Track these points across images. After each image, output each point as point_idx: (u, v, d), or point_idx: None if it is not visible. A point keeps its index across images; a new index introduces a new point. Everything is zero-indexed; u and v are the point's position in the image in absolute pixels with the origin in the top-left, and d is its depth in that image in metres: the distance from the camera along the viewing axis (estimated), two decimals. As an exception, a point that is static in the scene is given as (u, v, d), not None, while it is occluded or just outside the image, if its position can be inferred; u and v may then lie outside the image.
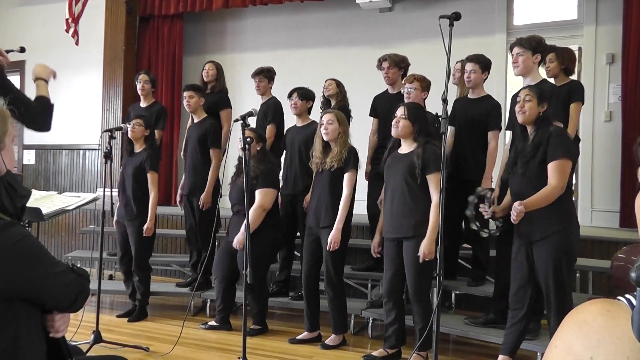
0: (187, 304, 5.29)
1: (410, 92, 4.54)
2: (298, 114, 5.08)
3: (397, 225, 3.91)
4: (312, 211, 4.43)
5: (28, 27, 8.53)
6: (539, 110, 3.44)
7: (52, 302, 1.70)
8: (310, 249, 4.48)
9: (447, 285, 4.71)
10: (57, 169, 8.20)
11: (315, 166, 4.42)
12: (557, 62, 4.59)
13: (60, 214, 3.22)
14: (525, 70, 4.03)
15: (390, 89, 5.10)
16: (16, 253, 1.56)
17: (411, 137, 3.95)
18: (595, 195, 6.16)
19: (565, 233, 3.38)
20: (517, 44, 4.06)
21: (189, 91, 5.39)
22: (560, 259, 3.36)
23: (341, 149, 4.29)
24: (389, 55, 5.03)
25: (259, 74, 5.62)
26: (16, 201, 1.66)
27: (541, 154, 3.36)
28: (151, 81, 5.95)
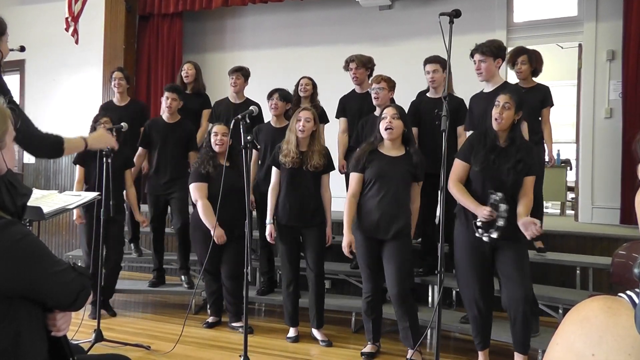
0: (187, 302, 5.29)
1: (379, 92, 4.65)
2: (277, 115, 5.09)
3: (387, 227, 3.91)
4: (296, 210, 4.40)
5: (28, 26, 8.51)
6: (514, 118, 3.57)
7: (53, 300, 1.70)
8: (293, 249, 4.52)
9: (447, 283, 4.71)
10: (58, 168, 8.20)
11: (290, 160, 4.35)
12: (529, 65, 4.76)
13: (61, 212, 3.22)
14: (488, 75, 4.15)
15: (358, 88, 5.23)
16: (17, 252, 1.56)
17: (400, 140, 4.01)
18: (595, 192, 6.17)
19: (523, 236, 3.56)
20: (478, 51, 4.15)
21: (173, 93, 5.37)
22: (524, 260, 3.60)
23: (321, 148, 4.41)
24: (356, 56, 5.16)
25: (237, 71, 5.68)
26: (17, 200, 1.66)
27: (526, 167, 3.54)
28: (126, 78, 5.95)
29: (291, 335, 4.59)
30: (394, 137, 3.96)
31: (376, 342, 4.23)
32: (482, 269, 3.63)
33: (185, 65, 6.09)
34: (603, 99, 6.18)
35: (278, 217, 4.48)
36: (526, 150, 3.57)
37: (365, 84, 5.12)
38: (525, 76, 4.80)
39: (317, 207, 4.42)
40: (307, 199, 4.39)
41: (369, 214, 3.96)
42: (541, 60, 4.87)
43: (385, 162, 3.98)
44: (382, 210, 3.92)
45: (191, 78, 5.99)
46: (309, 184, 4.38)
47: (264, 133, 5.09)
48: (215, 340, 4.55)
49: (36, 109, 8.37)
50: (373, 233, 3.95)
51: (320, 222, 4.44)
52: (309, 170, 4.35)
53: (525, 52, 4.83)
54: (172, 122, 5.42)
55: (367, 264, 4.05)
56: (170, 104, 5.33)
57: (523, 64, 4.76)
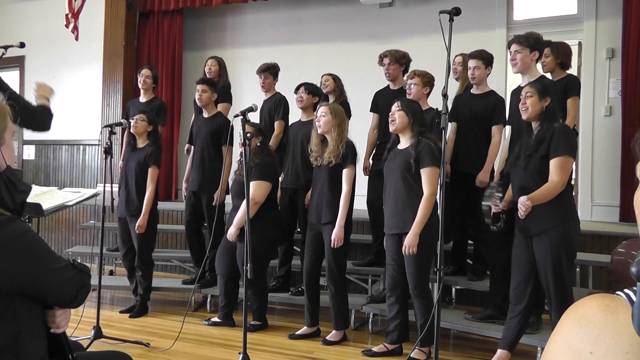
0: (187, 299, 5.30)
1: (412, 88, 4.56)
2: (303, 108, 5.06)
3: (396, 221, 3.92)
4: (314, 207, 4.42)
5: (28, 22, 8.52)
6: (542, 105, 3.48)
7: (53, 297, 1.69)
8: (312, 245, 4.47)
9: (447, 280, 4.72)
10: (57, 165, 8.21)
11: (313, 160, 4.41)
12: (553, 57, 4.62)
13: (60, 209, 3.23)
14: (523, 67, 4.07)
15: (392, 84, 5.11)
16: (17, 248, 1.56)
17: (408, 131, 3.95)
18: (595, 190, 6.17)
19: (565, 227, 3.41)
20: (515, 41, 4.09)
21: (203, 85, 5.30)
22: (560, 253, 3.38)
23: (337, 143, 4.27)
24: (390, 52, 5.02)
25: (265, 70, 5.60)
26: (16, 197, 1.66)
27: (544, 149, 3.40)
28: (153, 77, 5.93)
29: (299, 332, 4.57)
30: (397, 129, 3.95)
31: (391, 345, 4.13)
32: (520, 269, 3.56)
33: (208, 60, 6.04)
34: (603, 97, 6.17)
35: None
36: (549, 132, 3.41)
37: (399, 80, 5.03)
38: (550, 68, 4.64)
39: (331, 204, 4.30)
40: (320, 197, 4.35)
41: (385, 208, 4.02)
42: (569, 52, 4.72)
43: (392, 156, 4.00)
44: (388, 206, 3.96)
45: (214, 74, 5.93)
46: (325, 180, 4.33)
47: (293, 128, 5.10)
48: (214, 337, 4.55)
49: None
50: (388, 229, 3.98)
51: (332, 221, 4.29)
52: (325, 167, 4.32)
53: (550, 44, 4.73)
54: (207, 117, 5.41)
55: (387, 258, 4.07)
56: (200, 95, 5.27)
57: (546, 57, 4.61)
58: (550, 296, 3.44)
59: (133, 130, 4.97)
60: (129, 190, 5.00)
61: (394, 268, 4.01)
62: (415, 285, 3.89)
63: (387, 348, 4.11)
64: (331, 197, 4.31)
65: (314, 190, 4.48)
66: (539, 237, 3.43)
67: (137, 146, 5.04)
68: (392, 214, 3.94)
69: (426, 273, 3.95)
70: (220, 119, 5.37)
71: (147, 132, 5.02)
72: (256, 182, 4.49)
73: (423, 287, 3.93)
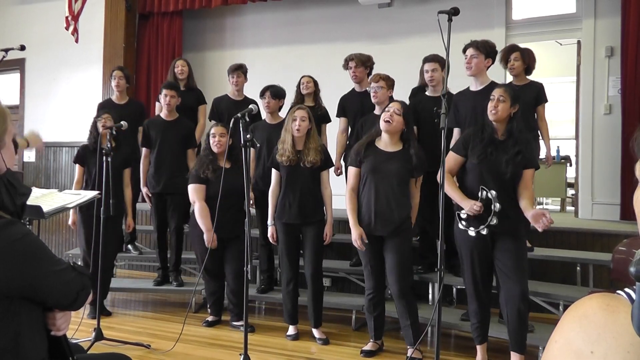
0: (188, 301, 5.30)
1: (378, 91, 4.64)
2: (271, 113, 5.13)
3: (384, 223, 3.92)
4: (295, 207, 4.39)
5: (28, 25, 8.52)
6: (510, 111, 3.61)
7: (53, 300, 1.69)
8: (293, 247, 4.51)
9: (448, 281, 4.71)
10: (58, 167, 8.20)
11: (285, 160, 4.37)
12: (522, 61, 4.80)
13: (60, 211, 3.22)
14: (477, 71, 4.28)
15: (357, 87, 5.23)
16: (17, 251, 1.56)
17: (398, 136, 4.00)
18: (595, 188, 6.17)
19: (522, 231, 3.67)
20: (473, 45, 4.29)
21: (172, 90, 5.36)
22: (522, 248, 3.64)
23: (317, 145, 4.39)
24: (355, 55, 5.17)
25: (238, 69, 5.69)
26: (16, 199, 1.66)
27: (524, 159, 3.56)
28: (126, 77, 5.95)
29: (290, 333, 4.60)
30: (391, 131, 3.95)
31: (378, 340, 4.23)
32: (482, 263, 3.65)
33: (178, 62, 6.08)
34: (602, 95, 6.18)
35: (278, 215, 4.47)
36: (525, 143, 3.59)
37: (364, 83, 5.13)
38: (517, 73, 4.83)
39: (315, 204, 4.42)
40: (305, 196, 4.38)
41: (365, 210, 3.97)
42: (534, 58, 4.89)
43: (380, 158, 3.98)
44: (376, 207, 3.93)
45: (185, 74, 5.99)
46: (307, 181, 4.38)
47: (260, 130, 5.09)
48: (215, 339, 4.55)
49: (36, 107, 8.38)
50: (371, 230, 3.95)
51: (319, 220, 4.44)
52: (306, 167, 4.35)
53: (518, 49, 4.87)
54: (170, 120, 5.42)
55: (368, 260, 4.05)
56: (169, 101, 5.31)
57: (516, 61, 4.79)
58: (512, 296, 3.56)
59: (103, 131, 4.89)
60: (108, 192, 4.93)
61: (377, 269, 4.06)
62: (401, 286, 3.94)
63: (378, 345, 4.25)
64: (317, 198, 4.44)
65: (289, 191, 4.42)
66: (503, 235, 3.58)
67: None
68: (380, 216, 3.92)
69: (410, 273, 4.07)
70: (186, 124, 5.50)
71: None
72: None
73: (408, 287, 3.98)
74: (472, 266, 3.67)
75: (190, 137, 5.49)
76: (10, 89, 8.70)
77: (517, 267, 3.55)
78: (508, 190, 3.55)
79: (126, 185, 5.16)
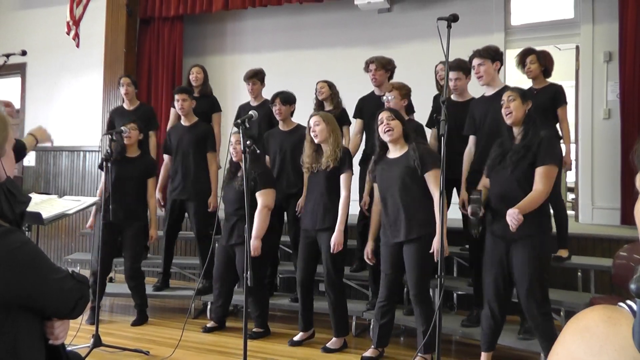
0: (187, 306, 5.28)
1: (391, 101, 4.60)
2: (283, 119, 5.09)
3: (398, 230, 3.88)
4: (309, 213, 4.41)
5: (29, 30, 8.54)
6: (524, 109, 3.52)
7: (52, 308, 1.68)
8: (307, 252, 4.46)
9: (448, 286, 4.71)
10: (58, 171, 8.20)
11: (306, 169, 4.41)
12: (538, 64, 4.75)
13: (60, 218, 3.23)
14: (488, 78, 4.21)
15: (377, 90, 5.16)
16: (15, 260, 1.55)
17: (402, 139, 3.97)
18: (595, 193, 6.17)
19: (543, 237, 3.48)
20: (476, 55, 4.24)
21: (183, 94, 5.34)
22: (536, 261, 3.42)
23: (334, 148, 4.28)
24: (376, 57, 5.11)
25: (253, 77, 5.63)
26: (16, 207, 1.65)
27: (532, 156, 3.43)
28: (133, 83, 5.96)
29: (295, 338, 4.55)
30: (396, 137, 3.94)
31: (379, 348, 4.18)
32: (497, 269, 3.56)
33: (193, 68, 6.04)
34: (601, 100, 6.19)
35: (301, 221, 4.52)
36: (536, 140, 3.43)
37: (384, 86, 5.04)
38: (535, 76, 4.77)
39: (328, 210, 4.29)
40: (318, 202, 4.34)
41: (384, 219, 4.00)
42: (551, 60, 4.83)
43: (386, 167, 3.98)
44: (390, 215, 3.93)
45: (199, 81, 5.95)
46: (322, 186, 4.33)
47: (273, 137, 5.10)
48: (214, 345, 4.54)
49: (37, 112, 8.39)
50: (388, 238, 3.95)
51: (330, 227, 4.27)
52: (322, 172, 4.32)
53: (534, 52, 4.80)
54: (187, 125, 5.42)
55: (384, 269, 4.02)
56: (182, 105, 5.30)
57: (532, 64, 4.73)
58: (528, 298, 3.44)
59: (126, 140, 4.94)
60: (127, 200, 4.91)
61: (392, 277, 4.00)
62: (418, 292, 3.87)
63: (379, 351, 4.18)
64: (328, 203, 4.30)
65: (309, 197, 4.47)
66: (517, 243, 3.45)
67: (128, 155, 5.00)
68: (393, 224, 3.90)
69: (428, 279, 3.95)
70: (203, 127, 5.45)
71: (138, 141, 5.04)
72: (265, 190, 4.53)
73: (425, 293, 3.92)
74: (489, 270, 3.61)
75: (208, 140, 5.41)
76: (11, 93, 8.71)
77: (526, 276, 3.42)
78: (515, 194, 3.42)
79: (150, 195, 5.06)
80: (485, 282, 3.65)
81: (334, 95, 5.37)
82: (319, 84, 5.44)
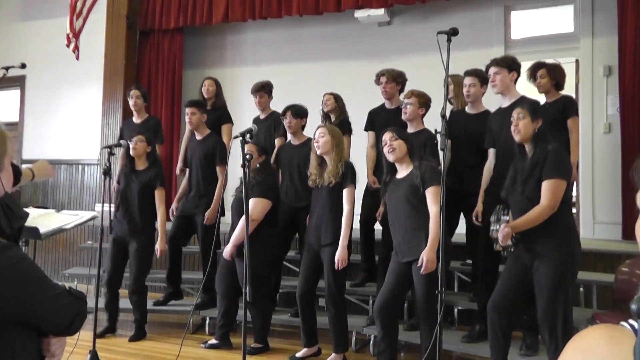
0: (186, 321, 5.24)
1: (407, 108, 4.55)
2: (293, 133, 5.07)
3: (407, 249, 3.83)
4: (313, 229, 4.37)
5: (29, 42, 8.57)
6: (534, 127, 3.46)
7: (49, 325, 1.66)
8: (309, 266, 4.40)
9: (449, 301, 4.67)
10: (56, 184, 8.18)
11: (312, 182, 4.38)
12: (549, 78, 4.69)
13: (58, 232, 3.21)
14: (503, 87, 4.13)
15: (388, 103, 5.11)
16: (12, 276, 1.53)
17: (407, 158, 3.92)
18: (596, 208, 6.15)
19: (568, 251, 3.35)
20: (493, 63, 4.18)
21: (192, 107, 5.33)
22: (562, 277, 3.31)
23: (336, 163, 4.23)
24: (387, 70, 5.05)
25: (260, 90, 5.60)
26: (14, 223, 1.64)
27: (538, 171, 3.36)
28: (143, 95, 5.95)
29: (299, 355, 4.49)
30: (400, 157, 3.90)
31: None
32: (510, 284, 3.49)
33: (205, 81, 6.01)
34: (601, 114, 6.19)
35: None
36: (543, 154, 3.37)
37: (395, 99, 5.03)
38: (546, 90, 4.72)
39: (331, 225, 4.24)
40: (321, 217, 4.30)
41: (393, 239, 3.97)
42: (563, 73, 4.77)
43: (393, 188, 3.95)
44: (396, 235, 3.90)
45: (211, 94, 5.91)
46: (325, 201, 4.29)
47: (284, 151, 5.10)
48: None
49: (36, 124, 8.40)
50: (399, 257, 3.89)
51: (333, 242, 4.21)
52: (325, 187, 4.29)
53: (544, 65, 4.77)
54: (199, 138, 5.42)
55: (388, 280, 3.96)
56: (190, 118, 5.30)
57: (542, 78, 4.68)
58: (548, 320, 3.33)
59: (132, 152, 4.95)
60: (132, 212, 4.95)
61: (393, 290, 3.94)
62: (424, 307, 3.79)
63: None
64: (331, 218, 4.25)
65: (312, 212, 4.43)
66: (541, 259, 3.36)
67: (137, 168, 5.01)
68: (402, 243, 3.86)
69: (435, 296, 3.89)
70: (212, 140, 5.40)
71: (146, 153, 5.02)
72: (255, 199, 4.45)
73: (432, 308, 3.86)
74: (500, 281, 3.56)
75: (216, 153, 5.35)
76: (10, 106, 8.73)
77: (543, 295, 3.32)
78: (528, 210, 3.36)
79: (157, 207, 5.01)
80: (494, 291, 3.56)
81: (339, 107, 5.35)
82: (325, 95, 5.44)
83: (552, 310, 3.30)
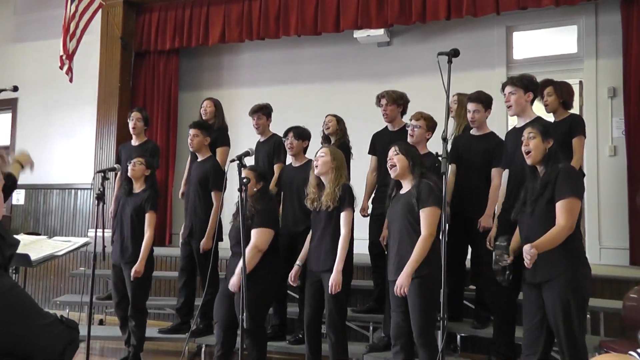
0: (181, 349, 5.08)
1: (415, 130, 4.47)
2: (294, 155, 4.96)
3: (399, 266, 3.73)
4: (313, 255, 4.26)
5: (21, 64, 8.50)
6: (545, 147, 3.39)
7: (41, 355, 1.59)
8: (312, 293, 4.29)
9: (451, 328, 4.55)
10: (48, 209, 8.04)
11: (310, 203, 4.26)
12: (556, 96, 4.61)
13: (49, 259, 3.09)
14: (518, 109, 3.99)
15: (390, 126, 5.03)
16: (2, 305, 1.48)
17: (409, 175, 3.84)
18: (603, 233, 6.05)
19: (574, 274, 3.25)
20: (509, 82, 4.05)
21: (195, 129, 5.19)
22: (569, 301, 3.21)
23: (334, 187, 4.14)
24: (387, 92, 4.96)
25: (257, 111, 5.49)
26: (5, 251, 1.59)
27: (549, 192, 3.28)
28: (144, 119, 5.83)
29: None
30: (400, 173, 3.83)
31: None
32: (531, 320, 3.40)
33: (204, 102, 5.89)
34: (606, 136, 6.12)
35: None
36: (554, 174, 3.29)
37: (397, 122, 4.95)
38: (553, 109, 4.64)
39: (330, 250, 4.13)
40: (320, 243, 4.20)
41: (388, 256, 3.89)
42: (571, 91, 4.69)
43: (394, 202, 3.89)
44: (391, 252, 3.82)
45: (210, 115, 5.78)
46: (323, 226, 4.19)
47: (287, 173, 5.00)
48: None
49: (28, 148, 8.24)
50: (392, 275, 3.78)
51: (332, 267, 4.09)
52: (323, 212, 4.18)
53: (551, 83, 4.68)
54: (199, 161, 5.29)
55: (393, 307, 3.87)
56: (191, 140, 5.18)
57: (549, 96, 4.61)
58: (562, 346, 3.25)
59: (130, 174, 4.83)
60: (124, 236, 4.81)
61: (399, 315, 3.82)
62: (420, 333, 3.69)
63: None
64: (330, 243, 4.14)
65: (313, 237, 4.32)
66: (547, 284, 3.27)
67: (134, 191, 4.89)
68: (395, 259, 3.78)
69: (432, 320, 3.75)
70: (208, 164, 5.23)
71: (144, 176, 4.89)
72: (259, 229, 4.29)
73: (428, 335, 3.74)
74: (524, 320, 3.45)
75: (210, 178, 5.17)
76: (1, 129, 8.61)
77: (557, 323, 3.23)
78: (538, 235, 3.24)
79: (145, 229, 4.82)
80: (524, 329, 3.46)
81: (340, 130, 5.24)
82: (327, 117, 5.34)
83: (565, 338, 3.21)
